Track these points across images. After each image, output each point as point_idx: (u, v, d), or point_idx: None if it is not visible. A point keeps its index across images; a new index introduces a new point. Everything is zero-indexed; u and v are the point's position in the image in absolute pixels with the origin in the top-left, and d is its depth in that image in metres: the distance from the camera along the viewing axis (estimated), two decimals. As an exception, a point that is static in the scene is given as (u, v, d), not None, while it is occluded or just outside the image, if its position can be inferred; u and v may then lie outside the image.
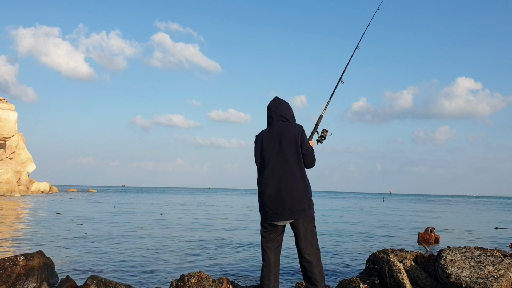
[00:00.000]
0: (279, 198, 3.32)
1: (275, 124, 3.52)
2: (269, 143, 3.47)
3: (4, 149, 38.67)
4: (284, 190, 3.31)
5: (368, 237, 10.78)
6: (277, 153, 3.41)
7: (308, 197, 3.38)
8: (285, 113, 3.56)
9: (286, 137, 3.40)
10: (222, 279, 4.22)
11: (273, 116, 3.54)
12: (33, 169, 43.53)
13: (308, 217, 3.38)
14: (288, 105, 3.63)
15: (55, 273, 4.81)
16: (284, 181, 3.33)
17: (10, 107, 38.04)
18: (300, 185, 3.34)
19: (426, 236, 9.83)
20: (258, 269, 6.25)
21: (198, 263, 6.59)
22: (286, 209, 3.31)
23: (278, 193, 3.33)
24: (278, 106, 3.57)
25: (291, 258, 7.18)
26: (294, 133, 3.40)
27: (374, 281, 4.43)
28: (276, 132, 3.46)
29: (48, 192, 45.59)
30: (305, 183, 3.39)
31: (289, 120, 3.56)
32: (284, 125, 3.48)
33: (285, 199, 3.30)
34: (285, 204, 3.30)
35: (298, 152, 3.38)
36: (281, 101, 3.62)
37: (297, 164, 3.37)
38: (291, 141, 3.39)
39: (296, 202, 3.30)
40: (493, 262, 4.20)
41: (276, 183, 3.36)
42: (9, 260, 4.29)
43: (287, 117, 3.55)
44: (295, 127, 3.45)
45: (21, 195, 35.77)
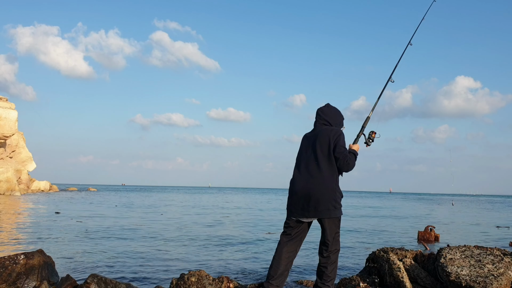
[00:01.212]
0: (305, 196, 3.43)
1: (316, 127, 3.67)
2: (305, 144, 3.64)
3: (4, 148, 38.67)
4: (311, 189, 3.40)
5: (368, 236, 10.79)
6: (310, 153, 3.54)
7: (334, 198, 3.42)
8: (329, 118, 3.66)
9: (320, 139, 3.51)
10: (222, 278, 4.23)
11: (317, 119, 3.70)
12: (33, 168, 43.54)
13: (332, 218, 3.44)
14: (335, 112, 3.73)
15: (56, 272, 4.82)
16: (312, 180, 3.43)
17: (10, 105, 38.04)
18: (327, 185, 3.40)
19: (426, 234, 9.83)
20: (258, 267, 6.25)
21: (198, 262, 6.60)
22: (311, 207, 3.40)
23: (304, 191, 3.43)
24: (324, 111, 3.70)
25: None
26: (328, 136, 3.50)
27: (374, 280, 4.44)
28: (314, 134, 3.61)
29: (48, 191, 45.61)
30: (333, 185, 3.44)
31: (332, 125, 3.65)
32: (323, 128, 3.60)
33: (311, 198, 3.39)
34: (310, 202, 3.40)
35: (330, 154, 3.46)
36: (330, 108, 3.74)
37: (327, 165, 3.44)
38: (324, 143, 3.47)
39: (322, 201, 3.38)
40: (493, 261, 4.21)
41: (304, 182, 3.47)
42: (10, 258, 4.30)
43: (330, 122, 3.65)
44: (331, 131, 3.54)
45: (21, 194, 35.79)
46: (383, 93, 4.19)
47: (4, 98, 38.11)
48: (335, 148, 3.45)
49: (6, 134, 37.12)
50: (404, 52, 4.45)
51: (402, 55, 4.45)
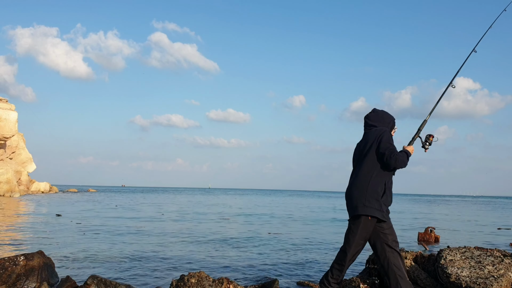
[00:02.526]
0: (349, 195, 3.55)
1: (366, 133, 3.70)
2: (357, 149, 3.71)
3: (4, 149, 38.67)
4: (354, 188, 3.51)
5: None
6: (360, 157, 3.61)
7: (366, 197, 3.41)
8: (377, 122, 3.69)
9: (368, 140, 3.56)
10: (222, 279, 4.23)
11: (365, 126, 3.75)
12: (33, 169, 43.54)
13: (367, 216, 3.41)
14: (382, 114, 3.73)
15: (55, 273, 4.82)
16: (356, 179, 3.53)
17: (10, 107, 38.04)
18: (369, 184, 3.43)
19: (426, 236, 9.83)
20: (258, 269, 6.25)
21: (198, 263, 6.60)
22: (353, 205, 3.48)
23: (349, 191, 3.57)
24: (370, 116, 3.74)
25: (293, 256, 7.19)
26: (373, 136, 3.54)
27: (374, 281, 4.44)
28: (364, 139, 3.66)
29: (48, 192, 45.59)
30: (375, 183, 3.42)
31: (378, 126, 3.68)
32: (369, 131, 3.65)
33: (352, 196, 3.49)
34: (352, 200, 3.50)
35: (370, 153, 3.49)
36: (376, 111, 3.77)
37: (374, 164, 3.47)
38: (373, 144, 3.51)
39: (361, 199, 3.43)
40: (493, 262, 4.21)
41: (350, 183, 3.60)
42: (9, 260, 4.30)
43: (377, 125, 3.68)
44: (377, 130, 3.58)
45: (21, 195, 35.77)
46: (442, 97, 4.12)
47: (4, 99, 38.12)
48: (379, 144, 3.44)
49: (6, 135, 37.12)
50: (467, 59, 4.37)
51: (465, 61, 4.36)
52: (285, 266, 6.52)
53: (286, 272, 6.03)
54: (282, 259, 7.13)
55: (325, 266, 6.58)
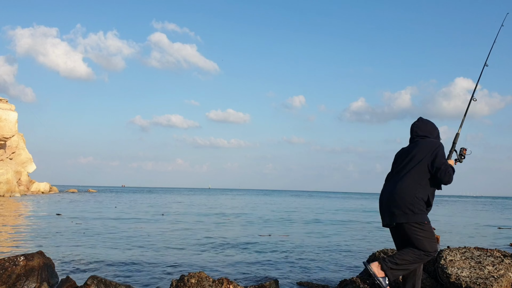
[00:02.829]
0: (389, 202, 3.45)
1: (415, 141, 3.64)
2: (401, 155, 3.64)
3: (4, 149, 38.66)
4: (395, 195, 3.40)
5: (368, 237, 10.78)
6: (402, 162, 3.54)
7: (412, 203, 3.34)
8: (427, 133, 3.65)
9: (418, 151, 3.48)
10: (222, 279, 4.23)
11: (413, 136, 3.69)
12: (33, 169, 43.52)
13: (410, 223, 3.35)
14: (431, 126, 3.71)
15: (55, 273, 4.82)
16: (397, 186, 3.42)
17: (10, 107, 38.04)
18: (413, 192, 3.35)
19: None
20: (258, 269, 6.25)
21: (198, 263, 6.60)
22: (395, 213, 3.39)
23: (389, 197, 3.46)
24: (420, 126, 3.68)
25: (293, 256, 7.19)
26: (428, 148, 3.46)
27: (374, 281, 4.43)
28: (412, 146, 3.60)
29: (48, 192, 45.58)
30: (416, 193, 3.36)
31: (430, 138, 3.64)
32: (422, 141, 3.58)
33: (394, 204, 3.39)
34: (394, 208, 3.40)
35: (425, 164, 3.41)
36: (425, 122, 3.72)
37: (419, 173, 3.40)
38: (421, 154, 3.44)
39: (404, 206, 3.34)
40: (493, 262, 4.21)
41: (390, 188, 3.51)
42: (9, 260, 4.30)
43: (428, 136, 3.64)
44: (431, 142, 3.52)
45: (21, 195, 35.77)
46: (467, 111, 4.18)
47: (4, 100, 38.12)
48: (435, 159, 3.39)
49: (6, 135, 37.11)
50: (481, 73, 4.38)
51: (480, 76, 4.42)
52: (285, 266, 6.52)
53: (286, 273, 6.03)
54: (282, 259, 7.13)
55: (325, 267, 6.58)
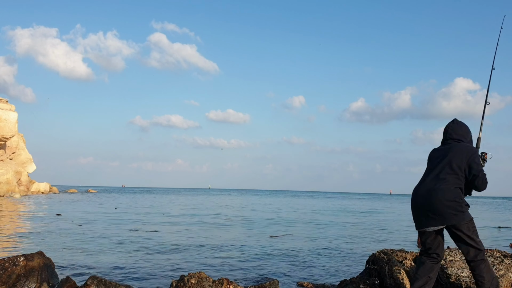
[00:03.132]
0: (428, 206, 3.41)
1: (449, 143, 3.63)
2: (436, 157, 3.62)
3: (4, 150, 38.67)
4: (434, 198, 3.37)
5: (368, 238, 10.78)
6: (438, 165, 3.52)
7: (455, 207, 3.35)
8: (462, 137, 3.64)
9: (454, 155, 3.47)
10: (222, 280, 4.23)
11: (447, 137, 3.68)
12: (33, 169, 43.50)
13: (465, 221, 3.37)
14: (466, 129, 3.70)
15: (55, 274, 4.82)
16: (436, 189, 3.39)
17: (10, 107, 38.05)
18: (451, 195, 3.36)
19: (426, 236, 9.82)
20: (258, 269, 6.25)
21: (198, 264, 6.60)
22: (437, 216, 3.36)
23: (427, 201, 3.41)
24: (455, 129, 3.67)
25: (293, 257, 7.18)
26: (464, 154, 3.46)
27: (374, 282, 4.43)
28: (446, 149, 3.58)
29: (48, 193, 45.58)
30: (455, 196, 3.37)
31: (464, 141, 3.63)
32: (457, 144, 3.57)
33: (434, 207, 3.36)
34: (434, 212, 3.37)
35: (460, 169, 3.42)
36: (460, 124, 3.71)
37: (454, 178, 3.41)
38: (457, 158, 3.44)
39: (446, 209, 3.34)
40: (493, 263, 4.21)
41: (427, 191, 3.45)
42: (9, 260, 4.30)
43: (462, 139, 3.63)
44: (467, 147, 3.52)
45: (21, 195, 35.77)
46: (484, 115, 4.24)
47: (4, 100, 38.13)
48: (473, 165, 3.41)
49: (6, 135, 37.12)
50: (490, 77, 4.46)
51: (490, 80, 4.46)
52: (285, 266, 6.52)
53: (286, 273, 6.03)
54: (282, 259, 7.13)
55: (325, 267, 6.58)
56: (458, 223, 3.35)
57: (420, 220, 3.48)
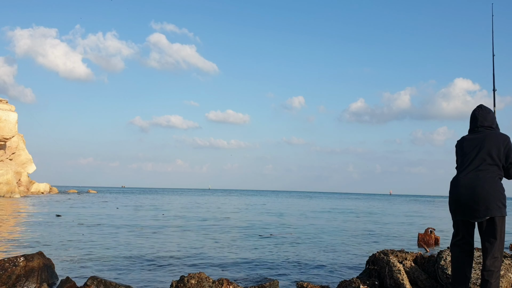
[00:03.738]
0: (474, 197, 3.40)
1: (480, 131, 3.60)
2: (470, 146, 3.58)
3: (4, 150, 38.67)
4: (479, 190, 3.38)
5: (368, 238, 10.78)
6: (476, 155, 3.49)
7: (500, 199, 3.39)
8: (491, 122, 3.64)
9: (490, 143, 3.47)
10: (222, 280, 4.23)
11: (477, 124, 3.64)
12: (33, 170, 43.49)
13: (502, 217, 3.41)
14: (493, 115, 3.71)
15: (55, 274, 4.82)
16: (479, 181, 3.40)
17: (10, 108, 38.06)
18: (495, 186, 3.39)
19: (426, 237, 9.82)
20: (258, 270, 6.25)
21: (198, 264, 6.60)
22: (481, 208, 3.37)
23: (472, 192, 3.41)
24: (485, 116, 3.65)
25: (293, 257, 7.18)
26: (500, 142, 3.47)
27: (374, 282, 4.43)
28: (480, 137, 3.56)
29: (48, 193, 45.57)
30: (500, 186, 3.43)
31: (495, 129, 3.63)
32: (490, 132, 3.56)
33: (480, 198, 3.37)
34: (479, 203, 3.37)
35: (498, 158, 3.44)
36: (488, 110, 3.70)
37: (495, 168, 3.43)
38: (494, 148, 3.45)
39: (492, 200, 3.35)
40: (493, 263, 4.20)
41: (470, 183, 3.43)
42: (9, 261, 4.29)
43: (493, 126, 3.63)
44: (502, 136, 3.52)
45: (21, 196, 35.76)
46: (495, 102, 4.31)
47: (4, 100, 38.13)
48: (509, 154, 3.44)
49: (6, 136, 37.12)
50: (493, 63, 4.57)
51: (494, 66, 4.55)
52: (285, 267, 6.52)
53: (286, 273, 6.03)
54: (282, 260, 7.12)
55: (325, 267, 6.58)
56: (500, 216, 3.38)
57: (463, 211, 3.46)
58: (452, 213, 3.58)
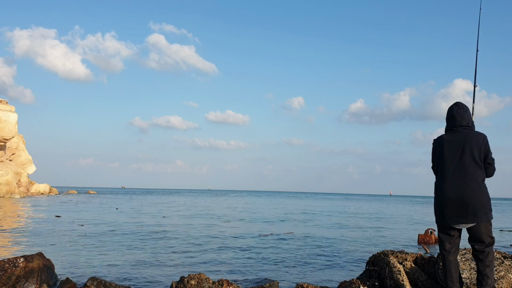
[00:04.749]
0: (461, 203, 3.39)
1: (458, 130, 3.57)
2: (451, 148, 3.54)
3: (4, 151, 38.67)
4: (467, 195, 3.38)
5: (368, 239, 10.77)
6: (460, 159, 3.47)
7: (488, 202, 3.43)
8: (468, 121, 3.60)
9: (471, 145, 3.46)
10: (222, 281, 4.22)
11: (455, 123, 3.59)
12: (33, 170, 43.49)
13: (489, 222, 3.45)
14: (469, 112, 3.67)
15: (55, 275, 4.81)
16: (467, 186, 3.40)
17: (10, 108, 38.06)
18: (482, 191, 3.41)
19: (426, 237, 9.82)
20: (258, 270, 6.24)
21: (198, 265, 6.59)
22: (470, 213, 3.38)
23: (460, 198, 3.40)
24: (463, 115, 3.60)
25: (293, 258, 7.18)
26: (479, 142, 3.47)
27: (374, 283, 4.43)
28: (460, 138, 3.52)
29: (48, 194, 45.57)
30: (485, 190, 3.45)
31: (472, 128, 3.61)
32: (468, 132, 3.54)
33: (469, 204, 3.37)
34: (468, 209, 3.38)
35: (480, 160, 3.44)
36: (465, 108, 3.65)
37: (479, 171, 3.44)
38: (475, 149, 3.45)
39: (480, 207, 3.37)
40: (493, 264, 4.20)
41: (458, 188, 3.42)
42: (9, 261, 4.29)
43: (469, 125, 3.60)
44: (480, 136, 3.51)
45: (21, 196, 35.75)
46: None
47: (4, 101, 38.14)
48: (488, 154, 3.46)
49: (6, 136, 37.13)
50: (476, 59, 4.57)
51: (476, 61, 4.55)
52: (285, 268, 6.51)
53: (286, 274, 6.03)
54: (283, 260, 7.12)
55: (325, 268, 6.57)
56: (485, 222, 3.41)
57: (451, 217, 3.45)
58: (439, 219, 3.55)
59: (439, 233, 3.60)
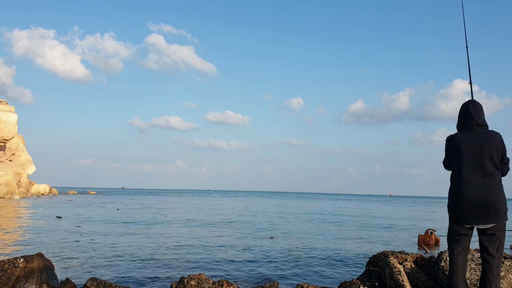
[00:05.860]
0: (483, 203, 3.37)
1: (475, 130, 3.53)
2: (469, 148, 3.50)
3: (4, 151, 38.67)
4: (488, 195, 3.36)
5: (368, 239, 10.77)
6: (478, 159, 3.44)
7: (506, 202, 3.43)
8: (484, 120, 3.58)
9: (489, 145, 3.44)
10: (222, 281, 4.22)
11: (472, 122, 3.54)
12: (33, 171, 43.48)
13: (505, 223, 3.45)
14: (483, 110, 3.63)
15: (55, 275, 4.81)
16: (487, 186, 3.38)
17: (10, 109, 38.06)
18: (501, 191, 3.42)
19: (426, 238, 9.82)
20: (258, 271, 6.24)
21: (198, 265, 6.59)
22: (490, 213, 3.37)
23: (482, 198, 3.37)
24: (479, 113, 3.56)
25: (293, 259, 7.18)
26: (496, 142, 3.46)
27: (374, 283, 4.43)
28: (478, 138, 3.49)
29: (48, 194, 45.55)
30: (503, 189, 3.46)
31: (487, 127, 3.60)
32: (486, 132, 3.52)
33: (490, 204, 3.36)
34: (489, 209, 3.36)
35: (498, 159, 3.44)
36: (480, 107, 3.61)
37: (496, 171, 3.44)
38: (493, 149, 3.43)
39: (500, 206, 3.37)
40: (493, 264, 4.19)
41: (478, 189, 3.40)
42: (9, 262, 4.29)
43: (485, 124, 3.58)
44: (497, 136, 3.50)
45: (21, 197, 35.74)
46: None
47: (3, 101, 38.13)
48: (504, 154, 3.47)
49: (5, 137, 37.11)
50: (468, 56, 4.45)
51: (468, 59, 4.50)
52: (285, 268, 6.51)
53: (286, 274, 6.02)
54: (282, 261, 7.12)
55: (325, 268, 6.57)
56: (505, 221, 3.42)
57: (471, 217, 3.41)
58: (458, 220, 3.49)
59: (452, 234, 3.55)
